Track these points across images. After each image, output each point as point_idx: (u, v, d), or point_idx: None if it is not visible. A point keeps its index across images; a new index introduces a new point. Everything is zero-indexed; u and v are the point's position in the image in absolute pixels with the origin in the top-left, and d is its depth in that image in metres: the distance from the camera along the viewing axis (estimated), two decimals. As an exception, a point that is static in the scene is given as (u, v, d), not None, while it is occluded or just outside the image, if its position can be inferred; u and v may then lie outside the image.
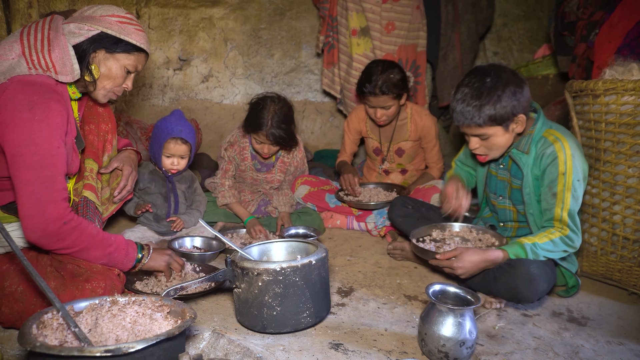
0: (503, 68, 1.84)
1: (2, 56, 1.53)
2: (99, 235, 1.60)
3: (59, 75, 1.57)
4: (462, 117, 1.84)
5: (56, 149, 1.49)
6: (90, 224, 1.60)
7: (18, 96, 1.47)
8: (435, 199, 2.64)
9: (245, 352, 1.42)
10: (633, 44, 2.35)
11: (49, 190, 1.46)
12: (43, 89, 1.51)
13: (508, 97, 1.77)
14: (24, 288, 1.51)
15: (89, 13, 1.65)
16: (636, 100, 1.85)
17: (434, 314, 1.47)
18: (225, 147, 2.72)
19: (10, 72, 1.52)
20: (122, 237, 1.71)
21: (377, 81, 2.66)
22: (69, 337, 1.19)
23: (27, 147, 1.44)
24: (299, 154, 2.79)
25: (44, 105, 1.48)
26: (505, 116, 1.80)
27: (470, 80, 1.83)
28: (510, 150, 1.96)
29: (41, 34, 1.57)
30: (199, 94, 3.92)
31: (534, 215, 1.96)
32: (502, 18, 4.36)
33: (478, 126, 1.83)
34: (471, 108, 1.80)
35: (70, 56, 1.58)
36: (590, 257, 2.13)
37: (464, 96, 1.83)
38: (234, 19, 3.89)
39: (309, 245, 1.78)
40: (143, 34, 1.71)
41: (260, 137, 2.52)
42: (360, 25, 3.49)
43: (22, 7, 2.51)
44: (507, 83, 1.78)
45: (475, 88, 1.80)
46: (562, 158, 1.81)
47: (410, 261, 2.34)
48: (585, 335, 1.71)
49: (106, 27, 1.62)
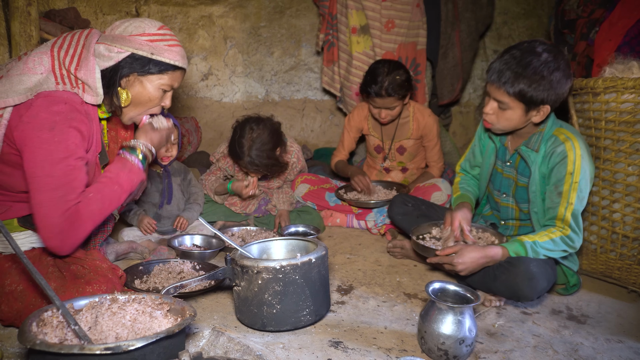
0: (563, 55, 1.77)
1: (31, 70, 1.50)
2: (105, 202, 1.53)
3: (85, 95, 1.54)
4: (496, 75, 1.79)
5: (72, 169, 1.46)
6: (88, 199, 1.51)
7: (41, 114, 1.44)
8: (435, 197, 2.64)
9: (245, 350, 1.42)
10: (633, 42, 2.35)
11: (60, 212, 1.44)
12: (67, 108, 1.48)
13: (549, 84, 1.73)
14: (24, 287, 1.51)
15: (119, 31, 1.59)
16: (636, 99, 1.85)
17: (434, 312, 1.47)
18: (217, 158, 2.72)
19: (37, 88, 1.49)
20: (123, 173, 1.59)
21: (383, 82, 2.65)
22: (68, 335, 1.19)
23: (42, 168, 1.43)
24: (292, 157, 2.74)
25: (64, 126, 1.45)
26: (534, 99, 1.76)
27: (528, 48, 1.77)
28: (520, 148, 1.95)
29: (73, 50, 1.54)
30: (198, 92, 3.92)
31: (537, 214, 1.95)
32: (502, 16, 4.36)
33: (505, 92, 1.78)
34: (511, 72, 1.75)
35: (95, 79, 1.54)
36: (590, 255, 2.13)
37: (511, 57, 1.77)
38: (233, 17, 3.89)
39: (309, 244, 1.78)
40: (177, 49, 1.64)
41: (242, 165, 2.48)
42: (360, 23, 3.48)
43: (21, 5, 2.50)
44: (556, 70, 1.73)
45: (527, 57, 1.74)
46: (572, 158, 1.80)
47: (410, 259, 2.34)
48: (585, 333, 1.71)
49: (137, 48, 1.56)
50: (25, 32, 2.52)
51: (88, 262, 1.58)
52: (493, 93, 1.84)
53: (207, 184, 2.71)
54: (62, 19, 2.86)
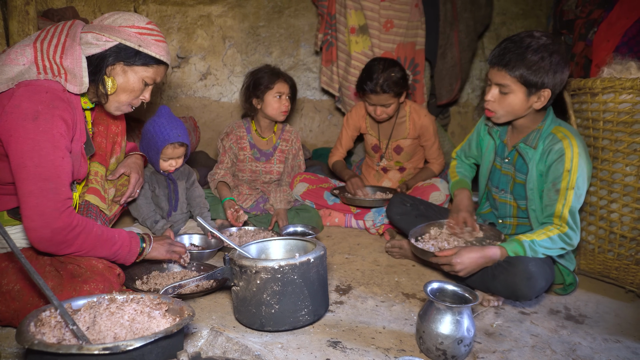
0: (560, 42, 1.85)
1: (13, 60, 1.50)
2: (103, 235, 1.60)
3: (68, 84, 1.54)
4: (497, 58, 1.83)
5: (60, 159, 1.47)
6: (95, 224, 1.59)
7: (24, 104, 1.45)
8: (433, 197, 2.64)
9: (243, 350, 1.42)
10: (631, 43, 2.36)
11: (52, 202, 1.45)
12: (49, 97, 1.48)
13: (549, 65, 1.77)
14: (21, 287, 1.51)
15: (108, 22, 1.61)
16: (634, 99, 1.86)
17: (432, 311, 1.47)
18: (222, 138, 2.80)
19: (18, 78, 1.49)
20: (125, 233, 1.70)
21: (378, 79, 2.66)
22: (66, 334, 1.18)
23: (31, 158, 1.43)
24: (297, 142, 2.86)
25: (48, 115, 1.46)
26: (535, 81, 1.79)
27: (526, 34, 1.82)
28: (518, 144, 1.96)
29: (57, 39, 1.54)
30: (197, 91, 3.91)
31: (535, 211, 1.96)
32: (501, 16, 4.36)
33: (507, 74, 1.81)
34: (512, 54, 1.79)
35: (81, 68, 1.54)
36: (588, 255, 2.14)
37: (510, 42, 1.82)
38: (232, 17, 3.88)
39: (307, 243, 1.78)
40: (163, 45, 1.67)
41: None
42: (358, 23, 3.48)
43: (19, 4, 2.49)
44: (556, 52, 1.78)
45: (527, 40, 1.79)
46: (569, 155, 1.81)
47: (409, 259, 2.34)
48: (583, 333, 1.71)
49: (125, 38, 1.58)
50: (24, 31, 2.51)
51: (84, 261, 1.58)
52: (494, 77, 1.86)
53: (215, 178, 2.75)
54: (61, 18, 2.85)
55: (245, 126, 2.82)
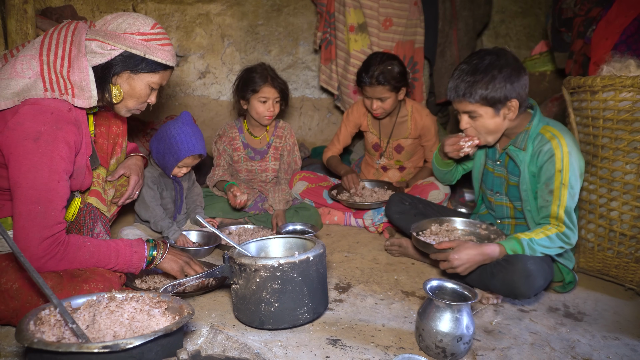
0: (505, 52, 1.85)
1: (19, 74, 1.48)
2: (93, 256, 1.56)
3: (76, 99, 1.52)
4: (454, 92, 1.87)
5: (55, 183, 1.45)
6: (85, 245, 1.54)
7: (27, 123, 1.43)
8: (432, 196, 2.64)
9: (243, 348, 1.42)
10: (630, 41, 2.36)
11: (37, 228, 1.43)
12: (54, 118, 1.46)
13: (503, 79, 1.79)
14: (20, 285, 1.51)
15: (112, 27, 1.57)
16: (634, 97, 1.86)
17: (432, 309, 1.47)
18: (215, 141, 2.80)
19: (24, 94, 1.46)
20: (128, 246, 1.63)
21: (374, 71, 2.66)
22: (66, 333, 1.18)
23: (26, 179, 1.42)
24: (291, 138, 2.81)
25: (50, 137, 1.44)
26: (497, 98, 1.81)
27: (471, 59, 1.86)
28: (507, 147, 1.97)
29: (62, 50, 1.51)
30: (195, 90, 3.91)
31: (531, 212, 1.96)
32: (500, 14, 4.36)
33: (468, 103, 1.84)
34: (464, 84, 1.82)
35: (89, 81, 1.52)
36: (587, 253, 2.14)
37: (460, 72, 1.85)
38: (231, 15, 3.88)
39: (307, 242, 1.78)
40: (169, 49, 1.64)
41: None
42: (357, 21, 3.48)
43: (18, 3, 2.49)
44: (505, 65, 1.80)
45: (473, 65, 1.83)
46: (559, 155, 1.82)
47: (408, 257, 2.34)
48: (582, 331, 1.72)
49: (130, 46, 1.56)
50: (22, 30, 2.51)
51: None
52: (459, 107, 1.91)
53: (214, 179, 2.75)
54: (59, 17, 2.84)
55: (238, 126, 2.79)
